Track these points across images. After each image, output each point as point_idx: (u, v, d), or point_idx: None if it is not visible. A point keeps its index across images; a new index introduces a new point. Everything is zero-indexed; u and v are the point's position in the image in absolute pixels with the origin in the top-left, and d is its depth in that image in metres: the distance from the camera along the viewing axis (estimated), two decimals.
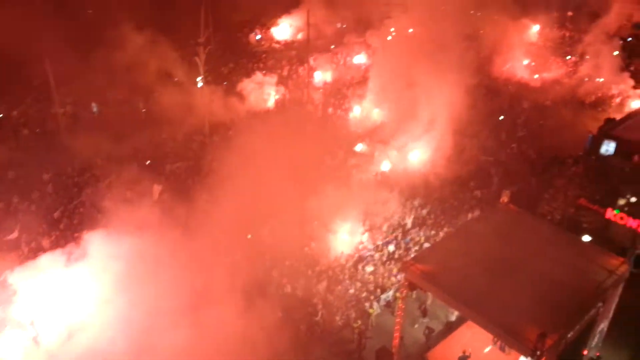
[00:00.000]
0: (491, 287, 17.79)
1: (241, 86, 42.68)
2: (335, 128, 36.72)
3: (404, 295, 19.71)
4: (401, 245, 26.23)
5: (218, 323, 19.28)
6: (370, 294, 23.29)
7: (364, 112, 38.81)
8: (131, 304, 19.53)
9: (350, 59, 50.50)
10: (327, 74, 46.97)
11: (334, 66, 48.55)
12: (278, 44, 58.04)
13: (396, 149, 33.38)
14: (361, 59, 50.01)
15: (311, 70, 45.62)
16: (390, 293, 23.73)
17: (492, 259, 19.03)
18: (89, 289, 20.33)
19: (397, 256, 25.55)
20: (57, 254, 20.80)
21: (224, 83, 44.27)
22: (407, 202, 29.16)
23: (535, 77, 50.57)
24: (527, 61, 53.16)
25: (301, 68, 47.37)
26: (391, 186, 30.03)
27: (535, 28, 60.12)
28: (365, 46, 50.16)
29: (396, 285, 23.63)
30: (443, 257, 19.49)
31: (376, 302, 23.16)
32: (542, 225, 23.17)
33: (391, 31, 42.96)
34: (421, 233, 26.97)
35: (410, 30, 39.40)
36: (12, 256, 23.84)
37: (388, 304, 23.66)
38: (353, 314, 22.37)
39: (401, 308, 19.84)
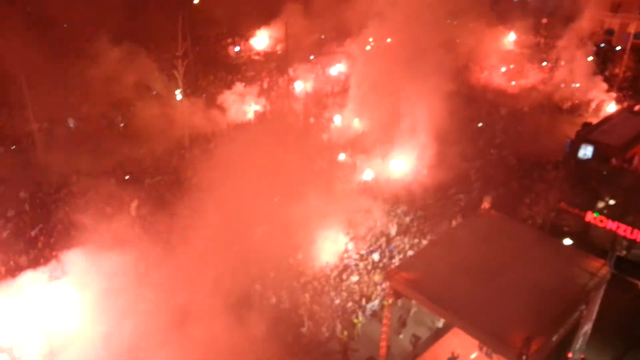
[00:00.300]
0: (475, 293, 17.78)
1: (221, 98, 42.54)
2: (317, 138, 36.70)
3: (390, 304, 19.60)
4: (385, 253, 26.17)
5: (203, 337, 18.99)
6: (355, 304, 23.15)
7: (345, 122, 38.89)
8: (114, 322, 19.15)
9: (330, 69, 50.72)
10: (308, 84, 47.06)
11: (314, 76, 48.68)
12: (257, 56, 58.10)
13: (378, 158, 33.45)
14: (341, 69, 50.27)
15: (291, 80, 45.65)
16: (376, 302, 23.62)
17: (476, 265, 19.04)
18: (70, 308, 19.90)
19: (382, 265, 25.47)
20: (36, 273, 20.35)
21: (203, 95, 44.09)
22: (391, 211, 29.17)
23: (512, 84, 51.26)
24: (504, 68, 53.91)
25: (281, 79, 47.41)
26: (374, 195, 30.03)
27: (511, 35, 61.09)
28: (344, 56, 50.46)
29: (381, 294, 23.54)
30: (427, 265, 19.46)
31: (362, 312, 23.01)
32: (524, 229, 23.29)
33: (370, 41, 43.20)
34: (405, 241, 26.95)
35: (388, 40, 39.68)
36: None
37: (374, 314, 23.54)
38: (339, 325, 22.18)
39: (387, 317, 19.72)
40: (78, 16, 44.45)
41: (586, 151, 34.92)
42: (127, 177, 32.33)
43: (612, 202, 26.12)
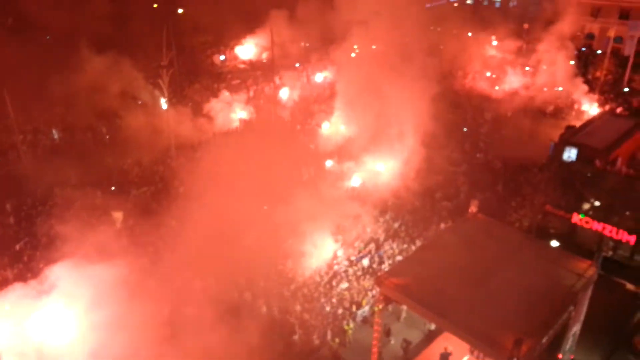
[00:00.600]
0: (465, 297, 17.84)
1: (207, 107, 42.42)
2: (304, 145, 36.69)
3: (380, 309, 19.60)
4: (375, 259, 26.19)
5: (194, 349, 18.82)
6: (346, 311, 23.11)
7: (332, 128, 38.95)
8: (103, 335, 18.87)
9: (315, 77, 50.85)
10: (294, 92, 47.11)
11: (300, 84, 48.76)
12: (243, 64, 58.08)
13: (365, 164, 33.53)
14: (326, 76, 50.41)
15: (277, 88, 45.68)
16: (366, 309, 23.59)
17: (465, 269, 19.12)
18: (59, 322, 19.56)
19: (372, 270, 25.48)
20: (23, 287, 20.00)
21: (189, 104, 43.94)
22: (379, 216, 29.22)
23: (496, 89, 51.77)
24: (488, 73, 54.45)
25: (267, 87, 47.43)
26: (363, 201, 30.07)
27: (494, 41, 61.77)
28: (329, 63, 50.59)
29: (372, 300, 23.52)
30: (416, 270, 19.49)
31: (352, 319, 22.97)
32: (511, 232, 23.47)
33: (355, 48, 43.41)
34: (394, 246, 27.00)
35: (373, 47, 39.89)
36: None
37: (365, 320, 23.50)
38: (330, 332, 22.11)
39: (378, 323, 19.71)
40: (62, 26, 44.12)
41: (570, 154, 35.32)
42: (113, 188, 32.04)
43: (597, 204, 26.38)
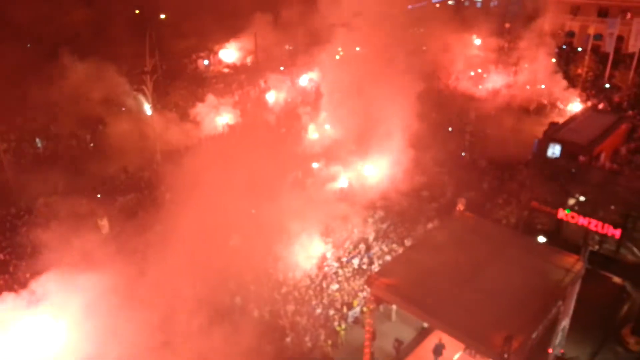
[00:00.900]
0: (455, 295, 17.92)
1: (192, 112, 42.23)
2: (291, 148, 36.65)
3: (371, 309, 19.61)
4: (364, 259, 26.22)
5: (186, 354, 18.68)
6: (337, 312, 23.09)
7: (319, 131, 38.98)
8: (95, 344, 18.66)
9: (300, 80, 50.86)
10: (279, 95, 47.07)
11: (285, 87, 48.74)
12: (227, 68, 57.95)
13: (352, 166, 33.60)
14: (311, 79, 50.45)
15: (262, 92, 45.64)
16: (357, 309, 23.60)
17: (454, 267, 19.21)
18: (49, 333, 19.28)
19: (362, 271, 25.50)
20: (11, 298, 19.68)
21: (174, 110, 43.72)
22: (368, 217, 29.28)
23: (479, 88, 52.18)
24: (472, 73, 54.88)
25: (252, 90, 47.36)
26: (351, 202, 30.11)
27: (476, 41, 62.26)
28: (314, 66, 50.65)
29: (362, 300, 23.53)
30: (406, 269, 19.55)
31: (344, 320, 22.95)
32: (498, 230, 23.65)
33: (339, 50, 43.54)
34: (384, 246, 27.06)
35: (357, 48, 40.03)
36: None
37: (356, 320, 23.51)
38: (322, 334, 22.07)
39: (369, 323, 19.71)
40: (42, 34, 43.70)
41: (554, 150, 35.63)
42: (99, 196, 31.74)
43: (582, 199, 26.64)
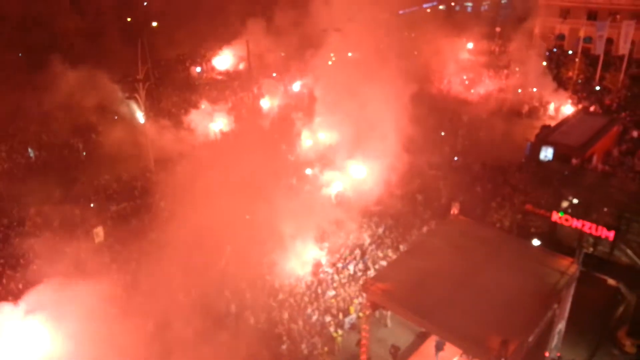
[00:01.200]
0: (450, 300, 17.92)
1: (185, 119, 42.17)
2: (284, 154, 36.64)
3: (367, 315, 19.58)
4: (360, 265, 26.19)
5: None
6: (334, 318, 23.03)
7: (312, 136, 38.99)
8: (91, 354, 18.52)
9: (293, 85, 50.91)
10: (272, 101, 47.08)
11: (279, 93, 48.76)
12: (220, 75, 57.97)
13: (346, 170, 33.62)
14: (304, 85, 50.50)
15: (256, 98, 45.64)
16: (353, 316, 23.54)
17: (449, 271, 19.22)
18: (44, 343, 19.12)
19: (357, 276, 25.46)
20: (6, 308, 19.53)
21: (167, 118, 43.65)
22: (363, 222, 29.27)
23: (471, 92, 52.43)
24: (464, 77, 55.16)
25: (246, 97, 47.35)
26: (346, 207, 30.09)
27: (468, 45, 62.67)
28: (307, 72, 50.74)
29: (358, 306, 23.48)
30: (402, 274, 19.54)
31: (340, 327, 22.87)
32: (493, 233, 23.66)
33: (331, 56, 43.66)
34: (379, 252, 27.04)
35: (349, 54, 40.16)
36: None
37: (353, 326, 23.44)
38: (319, 341, 21.99)
39: (365, 329, 19.67)
40: (34, 43, 43.64)
41: (547, 153, 35.84)
42: (92, 205, 31.59)
43: (576, 201, 26.72)
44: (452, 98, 50.65)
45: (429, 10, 75.92)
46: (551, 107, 48.92)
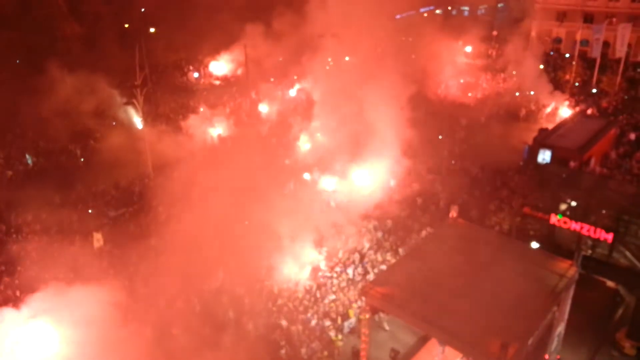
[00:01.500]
0: (449, 303, 17.90)
1: (183, 125, 42.18)
2: (283, 159, 36.65)
3: (367, 319, 19.54)
4: (359, 269, 26.16)
5: None
6: (333, 322, 22.98)
7: (310, 141, 39.01)
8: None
9: (291, 90, 50.97)
10: (271, 106, 47.11)
11: (276, 98, 48.80)
12: (218, 80, 58.05)
13: (344, 175, 33.63)
14: (302, 90, 50.54)
15: (253, 103, 45.68)
16: (353, 320, 23.50)
17: (448, 274, 19.20)
18: (44, 349, 19.04)
19: (357, 281, 25.42)
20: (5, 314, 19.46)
21: (165, 123, 43.69)
22: (362, 226, 29.25)
23: (469, 95, 52.53)
24: (461, 80, 55.29)
25: (244, 102, 47.41)
26: (344, 211, 30.07)
27: (465, 48, 62.84)
28: (304, 77, 50.81)
29: (358, 310, 23.44)
30: (401, 278, 19.52)
31: (340, 331, 22.83)
32: (492, 236, 23.68)
33: (329, 61, 43.78)
34: (378, 255, 27.02)
35: (346, 58, 40.26)
36: None
37: (352, 330, 23.39)
38: (319, 345, 21.94)
39: (365, 333, 19.64)
40: (31, 48, 43.66)
41: (544, 156, 35.89)
42: (90, 211, 31.54)
43: (574, 204, 26.74)
44: (450, 102, 50.75)
45: (426, 14, 76.10)
46: (548, 110, 49.04)
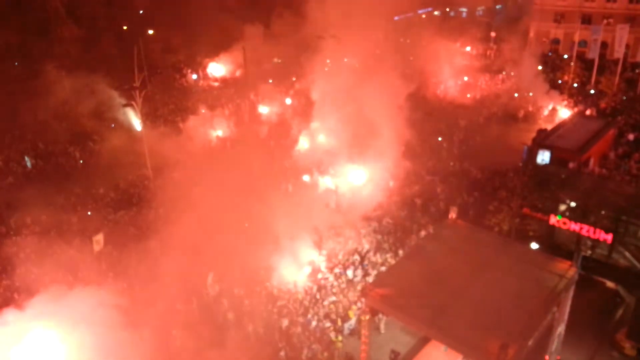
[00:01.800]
0: (449, 304, 17.88)
1: (182, 126, 42.16)
2: (282, 161, 36.67)
3: (367, 320, 19.52)
4: (359, 271, 26.14)
5: None
6: (333, 324, 22.96)
7: (310, 143, 39.03)
8: None
9: (290, 92, 50.98)
10: (269, 108, 47.12)
11: (275, 99, 48.79)
12: (216, 82, 58.06)
13: (344, 176, 33.64)
14: (300, 91, 50.54)
15: (252, 105, 45.68)
16: (352, 321, 23.47)
17: (448, 275, 19.18)
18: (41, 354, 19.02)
19: (356, 282, 25.40)
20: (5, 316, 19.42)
21: (164, 125, 43.67)
22: (362, 227, 29.24)
23: (467, 96, 52.57)
24: (460, 81, 55.34)
25: (242, 104, 47.40)
26: (344, 213, 30.07)
27: (463, 50, 62.92)
28: (303, 78, 50.83)
29: (357, 312, 23.42)
30: (400, 279, 19.50)
31: (340, 333, 22.81)
32: (491, 237, 23.65)
33: (327, 62, 43.83)
34: (378, 257, 27.01)
35: (345, 60, 40.31)
36: None
37: (352, 332, 23.37)
38: (319, 347, 21.91)
39: (365, 335, 19.61)
40: (30, 51, 43.64)
41: (544, 156, 35.90)
42: (89, 213, 31.49)
43: (573, 204, 26.76)
44: (449, 103, 50.80)
45: (424, 15, 76.20)
46: (547, 111, 49.10)
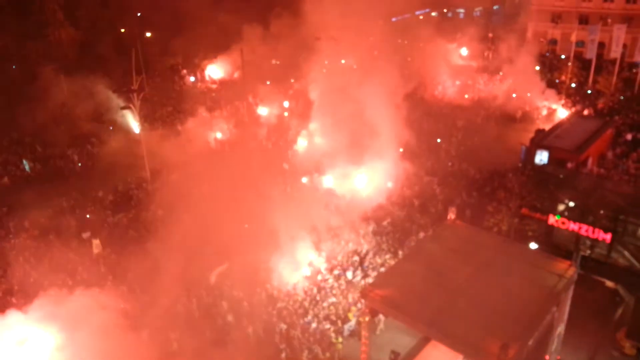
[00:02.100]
0: (449, 304, 17.88)
1: (180, 129, 42.13)
2: (281, 163, 36.65)
3: (367, 321, 19.49)
4: (358, 272, 26.12)
5: None
6: (333, 325, 22.93)
7: (309, 144, 39.01)
8: None
9: (287, 93, 50.94)
10: (268, 109, 47.12)
11: (274, 101, 48.79)
12: (214, 84, 58.03)
13: (343, 177, 33.63)
14: (298, 93, 50.52)
15: (250, 107, 45.69)
16: (352, 322, 23.45)
17: (447, 276, 19.19)
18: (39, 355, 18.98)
19: (356, 283, 25.38)
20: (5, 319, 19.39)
21: (162, 127, 43.65)
22: (361, 229, 29.23)
23: (465, 97, 52.60)
24: (457, 82, 55.37)
25: (241, 106, 47.38)
26: (343, 214, 30.04)
27: (461, 51, 62.98)
28: (301, 80, 50.82)
29: (357, 313, 23.40)
30: (400, 280, 19.50)
31: (340, 334, 22.78)
32: (490, 237, 23.64)
33: (325, 63, 43.85)
34: (377, 257, 26.99)
35: (342, 61, 40.34)
36: None
37: (352, 333, 23.35)
38: (319, 349, 21.88)
39: (365, 336, 19.58)
40: (28, 54, 43.60)
41: (542, 157, 35.93)
42: (88, 216, 31.46)
43: (572, 204, 26.78)
44: (447, 103, 50.82)
45: (422, 17, 76.33)
46: (545, 112, 49.14)
